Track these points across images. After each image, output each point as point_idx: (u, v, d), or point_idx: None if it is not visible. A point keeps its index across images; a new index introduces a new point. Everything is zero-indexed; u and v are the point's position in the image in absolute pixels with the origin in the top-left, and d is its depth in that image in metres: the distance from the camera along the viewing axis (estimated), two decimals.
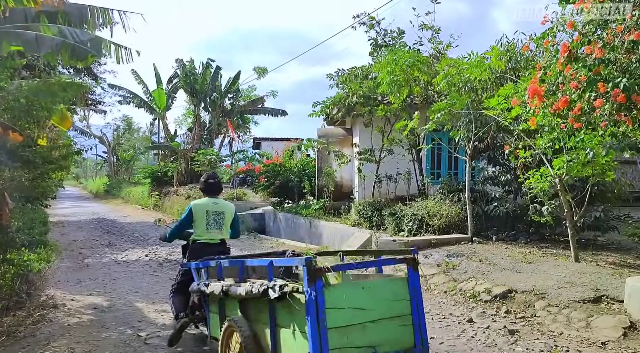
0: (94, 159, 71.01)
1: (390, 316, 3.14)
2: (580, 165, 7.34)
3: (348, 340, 2.90)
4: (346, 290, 3.03)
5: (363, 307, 3.01)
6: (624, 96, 5.42)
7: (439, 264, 7.65)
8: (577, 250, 7.56)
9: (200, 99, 32.91)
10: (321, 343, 2.74)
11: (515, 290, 6.20)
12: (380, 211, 11.26)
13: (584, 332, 5.03)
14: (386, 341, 3.06)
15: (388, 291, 3.21)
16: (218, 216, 4.85)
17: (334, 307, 2.87)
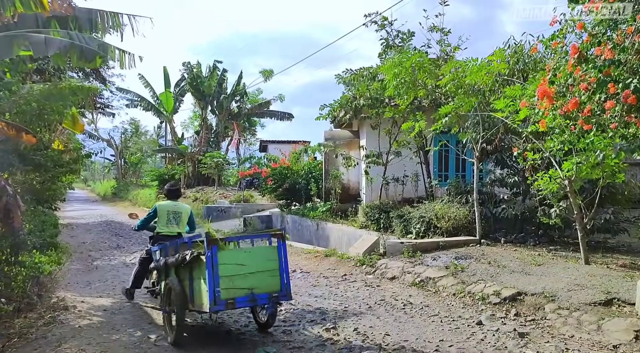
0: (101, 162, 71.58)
1: (263, 270, 4.70)
2: (590, 167, 7.30)
3: (234, 284, 4.48)
4: (232, 253, 4.68)
5: (244, 264, 4.59)
6: (635, 97, 5.38)
7: (447, 266, 7.62)
8: (587, 253, 7.51)
9: (207, 102, 33.08)
10: (214, 285, 4.33)
11: (525, 292, 6.17)
12: (387, 214, 11.23)
13: (595, 335, 4.99)
14: (260, 286, 4.62)
15: (263, 254, 4.82)
16: (176, 215, 6.27)
17: (223, 263, 4.45)
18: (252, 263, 4.64)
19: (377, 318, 5.73)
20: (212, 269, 4.34)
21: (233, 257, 4.57)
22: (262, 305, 4.88)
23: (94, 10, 6.79)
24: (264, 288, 4.62)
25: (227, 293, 4.38)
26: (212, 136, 34.39)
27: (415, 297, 6.75)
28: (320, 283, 7.77)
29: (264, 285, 4.63)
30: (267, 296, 4.63)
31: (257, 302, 4.65)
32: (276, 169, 16.28)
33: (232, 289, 4.43)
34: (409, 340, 4.94)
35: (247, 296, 4.50)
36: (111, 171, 67.67)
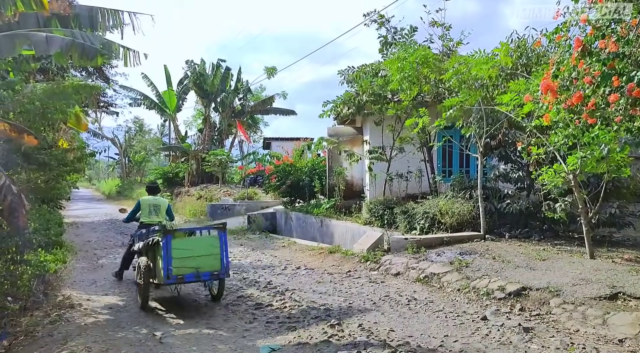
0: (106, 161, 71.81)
1: (207, 254, 5.97)
2: (595, 161, 7.26)
3: (184, 264, 5.79)
4: (183, 241, 6.08)
5: (192, 249, 5.93)
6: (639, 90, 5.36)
7: (452, 262, 7.60)
8: (592, 247, 7.48)
9: (210, 100, 33.09)
10: (168, 265, 5.66)
11: (530, 287, 6.15)
12: (391, 210, 11.21)
13: (600, 330, 4.98)
14: (204, 266, 5.91)
15: (207, 242, 6.14)
16: (156, 207, 7.52)
17: (176, 248, 5.79)
18: (199, 249, 6.01)
19: (382, 314, 5.73)
20: (167, 252, 5.74)
21: (183, 244, 5.99)
22: (204, 280, 6.20)
23: (95, 8, 6.79)
24: (207, 268, 5.95)
25: (178, 270, 5.76)
26: (216, 133, 34.41)
27: (420, 293, 6.75)
28: (325, 279, 7.78)
29: (207, 266, 5.96)
30: (210, 274, 6.00)
31: (201, 278, 6.00)
32: (279, 167, 16.27)
33: (182, 268, 5.80)
34: (414, 335, 4.94)
35: (194, 274, 5.86)
36: (115, 170, 67.91)
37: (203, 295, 6.73)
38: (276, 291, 6.75)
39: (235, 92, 33.59)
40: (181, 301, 6.50)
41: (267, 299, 6.27)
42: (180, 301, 6.47)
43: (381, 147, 12.29)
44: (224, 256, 6.03)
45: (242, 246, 11.88)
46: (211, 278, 6.05)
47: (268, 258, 10.01)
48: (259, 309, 5.80)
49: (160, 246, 5.81)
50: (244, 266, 8.97)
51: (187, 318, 5.55)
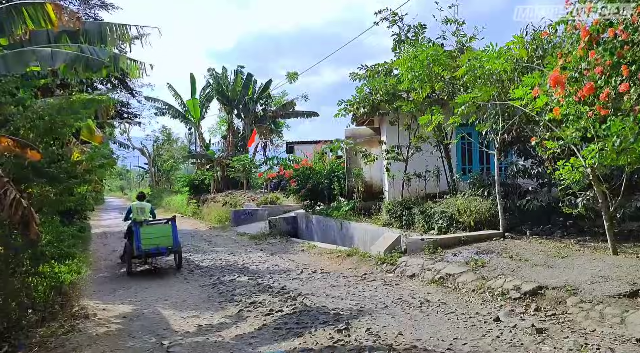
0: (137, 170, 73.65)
1: (163, 236, 9.44)
2: (615, 153, 7.00)
3: (149, 242, 9.25)
4: (148, 228, 9.49)
5: (153, 232, 9.43)
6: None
7: (468, 262, 7.45)
8: (614, 242, 7.20)
9: (233, 107, 33.48)
10: (138, 243, 9.19)
11: (546, 286, 5.97)
12: (409, 210, 11.08)
13: (617, 329, 4.78)
14: (162, 243, 9.35)
15: (163, 228, 9.56)
16: (142, 209, 10.11)
17: (143, 233, 9.30)
18: (157, 233, 9.50)
19: (392, 317, 5.65)
20: (137, 235, 9.27)
21: (148, 230, 9.46)
22: (162, 252, 9.63)
23: (104, 23, 6.94)
24: (163, 244, 9.42)
25: (144, 247, 9.24)
26: (239, 140, 34.77)
27: (434, 295, 6.63)
28: (339, 283, 7.73)
29: (163, 243, 9.43)
30: (165, 248, 9.47)
31: (160, 251, 9.47)
32: (299, 170, 16.31)
33: (147, 245, 9.27)
34: (422, 338, 4.85)
35: (155, 248, 9.35)
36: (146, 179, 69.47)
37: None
38: (288, 296, 6.74)
39: (258, 99, 33.93)
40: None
41: (278, 305, 6.27)
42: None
43: (397, 146, 12.17)
44: (174, 237, 9.55)
45: (262, 252, 11.94)
46: (166, 251, 9.55)
47: (286, 263, 10.03)
48: (269, 315, 5.80)
49: (134, 232, 9.34)
50: (261, 271, 9.02)
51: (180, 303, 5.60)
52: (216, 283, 7.91)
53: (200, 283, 8.02)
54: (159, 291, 7.53)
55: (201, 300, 6.82)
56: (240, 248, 12.89)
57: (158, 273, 9.44)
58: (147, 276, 9.08)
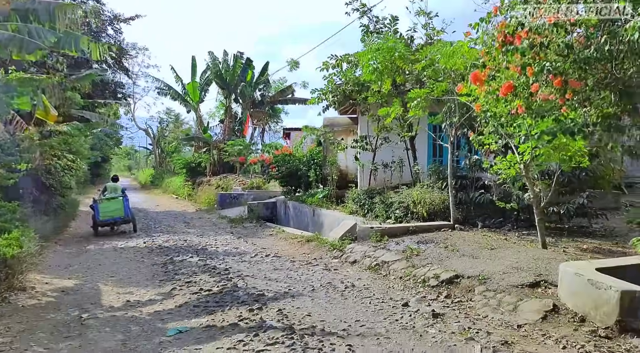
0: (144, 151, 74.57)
1: (117, 208, 12.70)
2: (550, 150, 7.24)
3: (106, 214, 12.57)
4: (105, 202, 12.70)
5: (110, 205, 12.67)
6: (560, 79, 5.37)
7: (404, 251, 7.77)
8: (544, 236, 7.48)
9: (231, 91, 33.76)
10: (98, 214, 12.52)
11: (463, 275, 6.28)
12: (372, 200, 11.39)
13: (507, 315, 5.10)
14: (116, 214, 12.68)
15: (117, 202, 12.77)
16: (115, 189, 13.28)
17: (102, 206, 12.57)
18: (113, 206, 12.61)
19: (312, 300, 6.00)
20: (97, 209, 12.44)
21: (105, 204, 12.58)
22: (118, 221, 12.76)
23: (55, 3, 7.16)
24: (118, 215, 12.61)
25: (102, 217, 12.46)
26: (237, 124, 35.09)
27: (364, 280, 6.97)
28: (284, 266, 8.10)
29: (117, 214, 12.59)
30: (120, 218, 12.64)
31: (115, 219, 12.63)
32: (278, 156, 16.63)
33: (105, 215, 12.47)
34: (326, 320, 5.19)
35: (110, 218, 12.55)
36: (150, 160, 70.22)
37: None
38: (225, 277, 7.12)
39: (257, 84, 34.17)
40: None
41: (210, 285, 6.65)
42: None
43: (367, 137, 12.43)
44: (125, 209, 12.70)
45: (232, 235, 12.34)
46: (120, 220, 12.72)
47: (246, 246, 10.41)
48: (196, 294, 6.19)
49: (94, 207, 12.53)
50: (217, 253, 9.41)
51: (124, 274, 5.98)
52: (166, 263, 8.32)
53: (152, 262, 8.44)
54: (111, 268, 7.96)
55: (145, 278, 7.23)
56: (213, 230, 13.32)
57: (124, 250, 9.86)
58: (108, 253, 9.50)
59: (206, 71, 35.55)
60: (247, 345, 4.33)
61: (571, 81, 5.37)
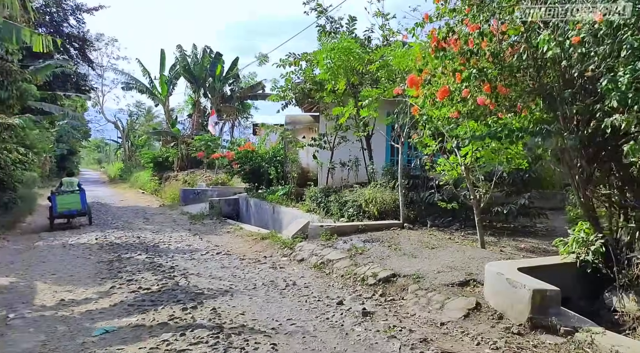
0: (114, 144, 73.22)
1: (73, 201, 12.98)
2: (490, 153, 7.48)
3: (62, 206, 12.86)
4: (62, 196, 12.96)
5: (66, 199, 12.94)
6: (489, 86, 5.56)
7: (350, 249, 7.91)
8: (483, 236, 7.72)
9: (199, 85, 33.42)
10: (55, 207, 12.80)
11: (399, 274, 6.45)
12: (327, 198, 11.52)
13: (434, 313, 5.28)
14: (72, 207, 12.98)
15: (73, 196, 13.03)
16: (71, 183, 13.53)
17: (59, 199, 12.84)
18: (70, 199, 12.86)
19: (250, 298, 6.07)
20: (54, 202, 12.68)
21: (62, 197, 12.82)
22: (74, 214, 13.12)
23: None
24: (74, 208, 12.91)
25: (59, 210, 12.74)
26: (205, 119, 34.77)
27: (306, 278, 7.08)
28: (232, 264, 8.14)
29: (74, 207, 12.89)
30: (76, 210, 12.96)
31: (72, 213, 12.98)
32: (241, 153, 16.60)
33: (62, 207, 12.75)
34: (259, 319, 5.27)
35: (68, 211, 12.86)
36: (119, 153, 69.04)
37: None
38: (170, 276, 7.12)
39: (226, 79, 33.92)
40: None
41: (151, 283, 6.65)
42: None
43: (324, 135, 12.54)
44: (82, 202, 13.04)
45: (189, 232, 12.29)
46: (77, 213, 13.06)
47: (200, 244, 10.40)
48: (134, 292, 6.18)
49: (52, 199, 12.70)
50: (168, 250, 9.38)
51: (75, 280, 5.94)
52: (113, 260, 8.26)
53: (99, 259, 8.36)
54: (54, 265, 7.86)
55: (87, 276, 7.17)
56: (171, 227, 13.23)
57: (74, 246, 9.72)
58: (56, 250, 9.36)
59: (175, 65, 35.11)
60: (170, 344, 4.37)
61: (499, 87, 5.59)
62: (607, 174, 5.46)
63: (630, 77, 3.73)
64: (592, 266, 5.44)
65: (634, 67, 3.75)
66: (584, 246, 5.55)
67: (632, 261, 5.08)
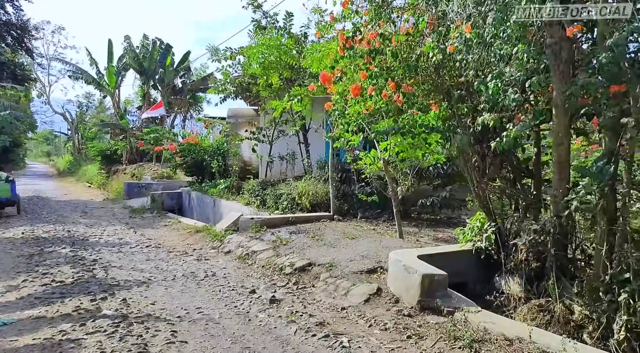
0: (64, 137, 70.46)
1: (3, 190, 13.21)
2: (408, 147, 7.83)
3: None
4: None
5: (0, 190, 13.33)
6: (393, 84, 5.85)
7: (274, 241, 8.10)
8: (401, 228, 8.08)
9: (149, 77, 32.73)
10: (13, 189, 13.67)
11: (315, 263, 6.70)
12: (265, 191, 11.68)
13: (338, 299, 5.55)
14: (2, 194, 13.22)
15: (4, 186, 13.30)
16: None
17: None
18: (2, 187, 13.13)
19: (165, 289, 6.16)
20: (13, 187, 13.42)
21: None
22: (3, 202, 13.32)
23: None
24: (4, 196, 13.15)
25: None
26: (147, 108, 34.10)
27: (228, 269, 7.23)
28: (157, 257, 8.18)
29: (3, 195, 13.13)
30: (6, 199, 13.26)
31: (1, 200, 13.19)
32: (184, 145, 16.49)
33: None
34: (167, 308, 5.38)
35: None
36: (70, 146, 66.65)
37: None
38: (89, 268, 7.10)
39: (176, 71, 33.35)
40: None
41: (67, 276, 6.63)
42: None
43: (262, 128, 12.66)
44: (12, 191, 13.40)
45: (125, 225, 12.16)
46: (7, 201, 13.39)
47: (134, 237, 10.33)
48: (46, 286, 6.15)
49: None
50: (95, 244, 9.29)
51: None
52: (34, 254, 8.12)
53: (20, 253, 8.19)
54: None
55: (1, 270, 7.03)
56: (108, 220, 13.03)
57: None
58: None
59: (124, 56, 34.21)
60: (66, 334, 4.43)
61: (404, 85, 5.90)
62: (499, 168, 5.87)
63: (496, 81, 4.07)
64: (485, 253, 5.86)
65: (499, 71, 4.09)
66: (479, 235, 5.96)
67: (518, 247, 5.51)
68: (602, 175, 4.52)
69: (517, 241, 5.29)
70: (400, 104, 6.07)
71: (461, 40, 4.43)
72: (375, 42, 5.74)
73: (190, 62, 34.25)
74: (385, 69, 5.77)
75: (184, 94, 34.52)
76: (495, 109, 4.40)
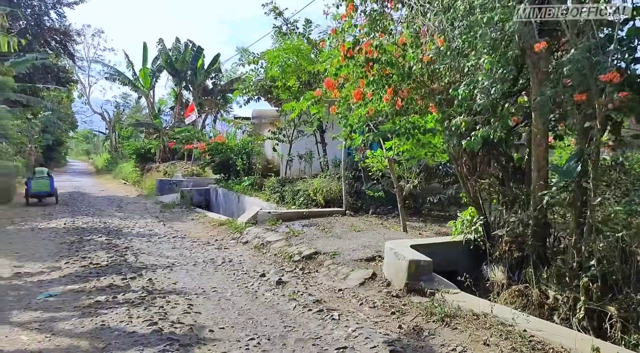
0: (102, 136, 73.39)
1: (44, 185, 16.45)
2: (413, 147, 8.39)
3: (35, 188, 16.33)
4: (36, 180, 16.40)
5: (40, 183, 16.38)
6: (391, 90, 6.46)
7: (288, 232, 8.80)
8: (405, 222, 8.63)
9: (181, 78, 34.08)
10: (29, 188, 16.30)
11: (320, 252, 7.36)
12: (283, 188, 12.41)
13: (337, 283, 6.19)
14: (43, 189, 16.43)
15: (44, 181, 16.51)
16: (42, 172, 16.85)
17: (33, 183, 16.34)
18: (41, 183, 16.30)
19: (187, 272, 6.95)
20: (29, 184, 16.28)
21: (36, 181, 16.28)
22: (44, 194, 16.51)
23: None
24: (44, 190, 16.41)
25: (33, 190, 16.19)
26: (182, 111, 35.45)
27: (244, 257, 7.98)
28: (182, 246, 9.01)
29: (44, 189, 16.39)
30: (46, 192, 16.46)
31: (42, 193, 16.44)
32: (211, 145, 17.41)
33: (35, 190, 16.22)
34: (187, 287, 6.15)
35: (39, 192, 16.33)
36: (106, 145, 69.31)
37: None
38: (121, 254, 7.98)
39: (208, 72, 34.61)
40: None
41: (102, 260, 7.51)
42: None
43: (282, 129, 13.39)
44: (50, 186, 16.31)
45: (156, 219, 13.12)
46: (46, 193, 16.32)
47: (163, 229, 11.24)
48: (84, 267, 7.04)
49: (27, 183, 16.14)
50: (129, 234, 10.22)
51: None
52: (74, 241, 9.10)
53: (62, 241, 9.18)
54: (19, 246, 8.67)
55: (47, 254, 7.99)
56: (140, 214, 14.05)
57: (42, 230, 10.50)
58: (25, 233, 10.15)
59: (158, 58, 35.71)
60: (101, 303, 5.25)
61: (401, 91, 6.49)
62: (488, 166, 6.39)
63: (466, 89, 4.64)
64: (474, 244, 6.38)
65: (470, 79, 4.65)
66: (469, 227, 6.49)
67: (503, 238, 6.02)
68: (570, 173, 5.04)
69: (497, 232, 5.81)
70: (399, 108, 6.65)
71: (436, 51, 4.99)
72: (375, 53, 6.35)
73: (220, 63, 35.44)
74: (383, 76, 6.37)
75: (215, 95, 35.76)
76: (469, 112, 4.94)
